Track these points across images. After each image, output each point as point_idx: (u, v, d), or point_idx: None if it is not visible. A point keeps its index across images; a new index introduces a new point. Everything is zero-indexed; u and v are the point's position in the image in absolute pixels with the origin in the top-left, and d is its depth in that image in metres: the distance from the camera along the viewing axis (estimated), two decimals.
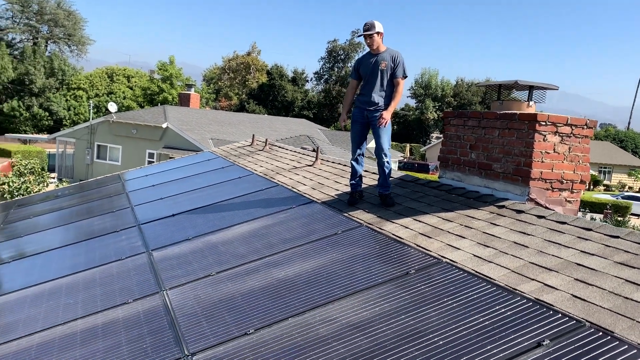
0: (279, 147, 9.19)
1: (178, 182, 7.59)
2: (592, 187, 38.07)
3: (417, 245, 3.72)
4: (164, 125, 25.36)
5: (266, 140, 9.43)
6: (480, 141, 4.62)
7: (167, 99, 46.41)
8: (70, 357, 3.06)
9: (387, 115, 4.83)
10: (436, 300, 2.82)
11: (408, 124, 61.00)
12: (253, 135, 10.18)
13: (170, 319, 3.29)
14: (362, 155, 5.18)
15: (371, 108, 4.86)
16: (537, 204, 4.14)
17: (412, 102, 63.06)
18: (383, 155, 4.85)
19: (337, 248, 3.87)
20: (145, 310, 3.52)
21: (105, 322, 3.45)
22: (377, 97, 4.84)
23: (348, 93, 5.21)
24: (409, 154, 50.55)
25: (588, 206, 27.89)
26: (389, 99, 4.88)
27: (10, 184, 16.03)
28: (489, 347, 2.30)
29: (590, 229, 3.46)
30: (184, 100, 32.35)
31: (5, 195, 15.79)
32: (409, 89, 62.51)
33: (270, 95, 56.22)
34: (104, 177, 9.95)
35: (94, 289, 4.11)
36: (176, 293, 3.70)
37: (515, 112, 4.36)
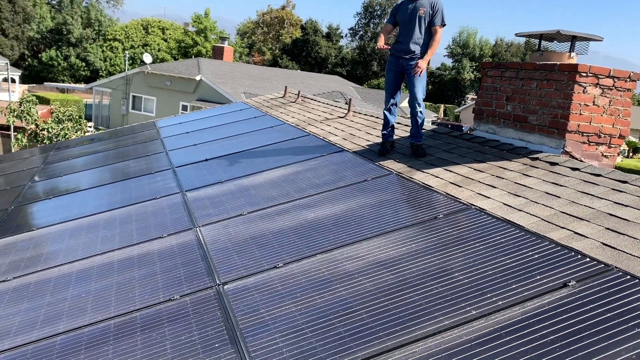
0: (311, 99, 9.16)
1: (211, 130, 7.69)
2: (631, 154, 36.87)
3: (447, 194, 3.73)
4: (198, 78, 25.47)
5: (299, 92, 9.40)
6: (517, 93, 4.51)
7: (201, 52, 46.42)
8: (108, 283, 3.22)
9: (422, 64, 4.73)
10: (463, 242, 2.85)
11: (443, 84, 59.63)
12: (285, 87, 10.15)
13: (202, 253, 3.41)
14: (396, 105, 5.13)
15: (407, 56, 4.78)
16: (572, 157, 4.06)
17: (449, 62, 61.37)
18: (416, 105, 4.79)
19: (366, 193, 3.90)
20: (179, 244, 3.66)
21: (140, 254, 3.61)
22: (414, 45, 4.74)
23: (381, 34, 5.01)
24: (442, 115, 49.65)
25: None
26: (425, 47, 4.77)
27: (50, 130, 16.50)
28: (513, 286, 2.33)
29: (625, 182, 3.40)
30: (217, 53, 32.30)
31: (44, 141, 16.28)
32: (445, 48, 60.74)
33: (303, 51, 55.54)
34: (139, 124, 10.14)
35: (130, 224, 4.27)
36: (208, 229, 3.82)
37: (555, 62, 4.23)
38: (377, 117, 6.78)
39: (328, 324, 2.32)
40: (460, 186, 3.88)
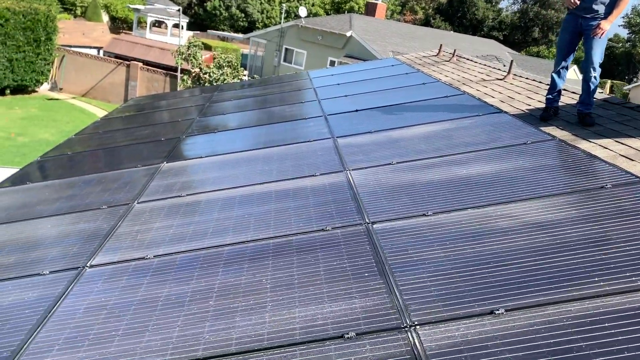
0: (467, 59, 8.81)
1: (362, 83, 7.80)
2: None
3: (616, 166, 3.44)
4: (348, 34, 25.65)
5: (454, 51, 9.09)
6: None
7: (353, 8, 46.46)
8: (267, 209, 3.53)
9: (605, 25, 4.31)
10: (632, 215, 2.64)
11: (614, 57, 53.27)
12: (440, 45, 9.86)
13: (352, 193, 3.57)
14: (566, 68, 4.78)
15: (588, 16, 4.38)
16: None
17: (624, 33, 54.45)
18: (591, 70, 4.41)
19: (524, 156, 3.74)
20: (330, 183, 3.86)
21: (295, 187, 3.88)
22: (598, 4, 4.32)
23: None
24: (608, 92, 44.65)
25: None
26: (610, 8, 4.33)
27: (211, 74, 17.91)
28: None
29: None
30: (370, 10, 32.12)
31: (205, 84, 17.76)
32: (623, 17, 53.83)
33: (459, 11, 52.93)
34: (294, 73, 10.61)
35: (285, 162, 4.57)
36: (358, 174, 3.97)
37: None
38: (540, 82, 6.36)
39: (477, 273, 2.34)
40: (633, 159, 3.55)
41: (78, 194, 4.43)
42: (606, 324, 1.88)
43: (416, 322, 2.07)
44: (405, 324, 2.07)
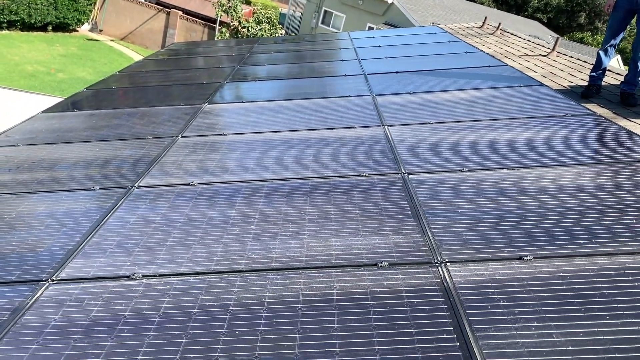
0: (511, 33, 8.68)
1: (403, 47, 7.78)
2: None
3: None
4: (390, 1, 25.20)
5: (499, 24, 8.95)
6: None
7: None
8: (306, 153, 3.66)
9: None
10: None
11: None
12: (485, 17, 9.71)
13: (389, 146, 3.67)
14: (614, 47, 4.73)
15: None
16: None
17: None
18: None
19: (563, 127, 3.78)
20: (368, 135, 3.96)
21: (333, 136, 3.99)
22: None
23: None
24: None
25: None
26: None
27: (250, 28, 17.90)
28: None
29: None
30: None
31: (243, 38, 17.76)
32: None
33: None
34: (335, 32, 10.57)
35: (325, 113, 4.67)
36: (396, 129, 4.05)
37: None
38: (585, 62, 6.28)
39: (508, 224, 2.45)
40: None
41: (124, 124, 4.62)
42: (630, 277, 1.98)
43: (447, 260, 2.20)
44: (436, 260, 2.20)
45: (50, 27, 21.36)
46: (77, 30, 22.95)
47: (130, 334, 1.88)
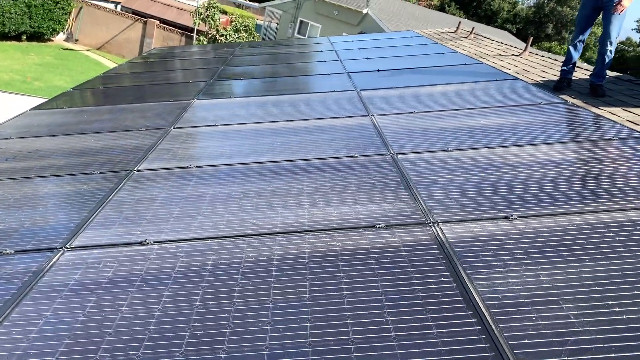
0: (484, 37, 9.03)
1: (382, 49, 8.04)
2: None
3: (624, 125, 3.73)
4: (364, 11, 25.67)
5: (472, 28, 9.30)
6: None
7: None
8: (299, 139, 3.82)
9: (626, 2, 4.56)
10: (637, 159, 2.94)
11: (624, 60, 53.14)
12: (459, 22, 10.06)
13: (377, 132, 3.86)
14: (582, 42, 5.03)
15: None
16: None
17: (636, 37, 54.21)
18: (607, 43, 4.67)
19: (538, 113, 4.03)
20: (356, 124, 4.15)
21: (324, 125, 4.17)
22: None
23: None
24: None
25: None
26: None
27: (228, 36, 18.03)
28: None
29: None
30: None
31: None
32: (637, 21, 53.46)
33: (474, 1, 52.61)
34: (314, 37, 10.80)
35: (312, 106, 4.85)
36: (382, 118, 4.25)
37: None
38: (556, 60, 6.61)
39: (493, 191, 2.65)
40: (639, 124, 3.84)
41: (116, 118, 4.71)
42: (604, 230, 2.20)
43: (439, 220, 2.38)
44: (429, 221, 2.38)
45: (24, 37, 21.14)
46: (52, 40, 22.75)
47: (149, 287, 2.01)
